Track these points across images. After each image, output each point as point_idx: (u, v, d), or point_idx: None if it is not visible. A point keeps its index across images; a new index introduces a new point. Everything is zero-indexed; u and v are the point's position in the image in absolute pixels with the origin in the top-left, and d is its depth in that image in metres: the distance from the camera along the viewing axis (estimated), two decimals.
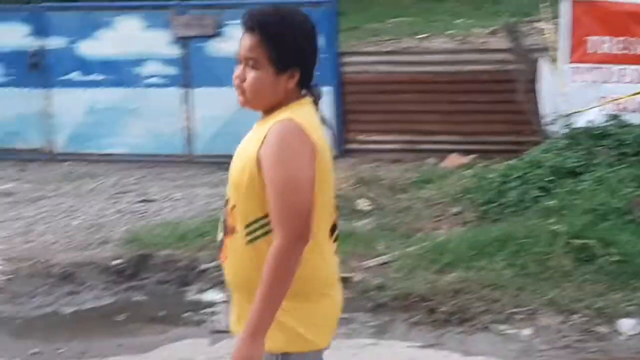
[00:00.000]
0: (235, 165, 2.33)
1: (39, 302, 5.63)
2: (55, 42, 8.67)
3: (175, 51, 8.32)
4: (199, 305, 5.46)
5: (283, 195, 2.20)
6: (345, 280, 4.57)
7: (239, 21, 5.10)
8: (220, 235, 2.43)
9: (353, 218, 6.31)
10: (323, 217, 2.35)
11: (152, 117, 8.51)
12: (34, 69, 8.71)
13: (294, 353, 2.36)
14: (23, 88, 8.77)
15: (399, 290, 5.00)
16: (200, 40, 8.22)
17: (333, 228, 2.41)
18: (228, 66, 6.25)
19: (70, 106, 8.75)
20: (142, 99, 8.51)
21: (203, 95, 8.28)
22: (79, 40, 8.54)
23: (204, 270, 5.81)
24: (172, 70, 8.39)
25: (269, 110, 2.30)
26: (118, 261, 6.06)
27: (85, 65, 8.58)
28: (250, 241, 2.26)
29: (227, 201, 2.34)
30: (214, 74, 8.10)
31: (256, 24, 2.23)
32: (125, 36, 8.49)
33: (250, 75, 2.19)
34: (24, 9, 9.21)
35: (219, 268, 5.70)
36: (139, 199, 7.59)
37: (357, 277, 5.22)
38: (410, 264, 5.32)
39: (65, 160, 8.91)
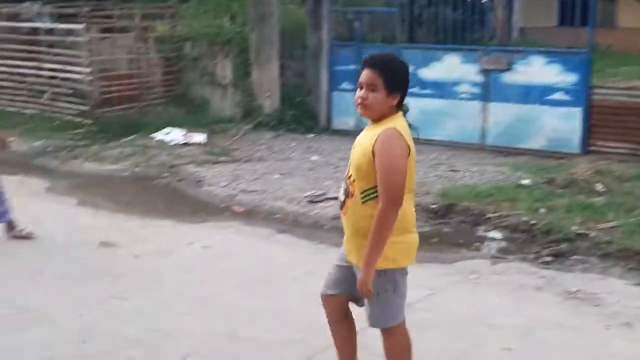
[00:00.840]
0: (356, 154, 3.37)
1: None
2: None
3: (480, 78, 10.26)
4: (484, 239, 6.89)
5: (388, 176, 3.22)
6: (584, 236, 6.55)
7: (524, 61, 8.63)
8: (342, 198, 3.49)
9: (592, 196, 7.70)
10: (410, 188, 3.36)
11: (461, 118, 10.49)
12: None
13: (389, 269, 3.40)
14: None
15: (621, 246, 6.25)
16: (497, 72, 10.08)
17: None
18: (516, 90, 9.25)
19: (411, 107, 11.79)
20: (456, 107, 10.56)
21: (496, 108, 10.20)
22: (421, 67, 10.65)
23: (489, 218, 7.18)
24: (476, 90, 10.31)
25: (377, 119, 3.36)
26: (434, 206, 7.54)
27: (423, 83, 10.62)
28: (365, 202, 3.32)
29: (349, 176, 3.39)
30: (504, 94, 10.12)
31: (377, 63, 3.37)
32: (449, 67, 10.55)
33: (371, 95, 3.29)
34: (387, 48, 10.99)
35: (500, 217, 7.10)
36: (449, 169, 9.11)
37: (592, 234, 6.57)
38: (631, 229, 6.59)
39: None
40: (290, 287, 5.60)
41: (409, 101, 3.38)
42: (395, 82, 3.40)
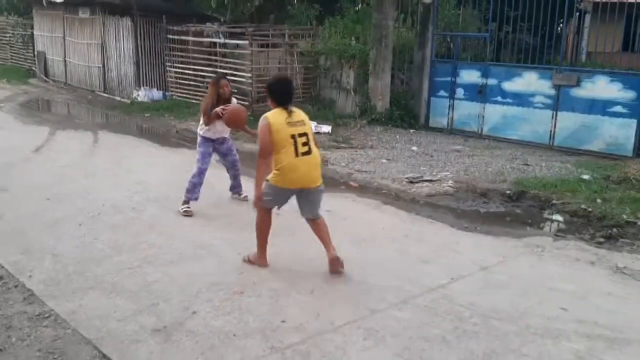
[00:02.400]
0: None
1: (469, 204, 7.12)
2: (491, 81, 10.54)
3: (552, 92, 9.86)
4: (547, 220, 6.78)
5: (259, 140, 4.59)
6: (633, 223, 6.23)
7: (590, 79, 8.23)
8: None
9: None
10: (282, 145, 4.49)
11: (535, 123, 10.12)
12: (480, 93, 10.70)
13: (270, 182, 4.64)
14: (472, 102, 10.85)
15: None
16: (567, 87, 9.67)
17: (297, 148, 4.49)
18: (582, 102, 8.87)
19: (493, 113, 10.61)
20: (531, 114, 10.16)
21: (564, 116, 9.77)
22: (504, 81, 10.42)
23: (553, 204, 7.01)
24: (549, 101, 9.92)
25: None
26: (509, 191, 7.43)
27: (505, 94, 10.41)
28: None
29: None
30: (572, 105, 9.67)
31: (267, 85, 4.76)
32: (527, 81, 10.14)
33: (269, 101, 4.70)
34: (477, 65, 10.95)
35: (563, 203, 6.90)
36: (522, 163, 8.84)
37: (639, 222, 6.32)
38: None
39: (487, 138, 10.63)
40: (391, 245, 5.62)
41: (495, 108, 3.38)
42: (269, 92, 4.80)
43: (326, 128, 10.92)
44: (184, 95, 13.67)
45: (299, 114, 4.81)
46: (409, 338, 3.87)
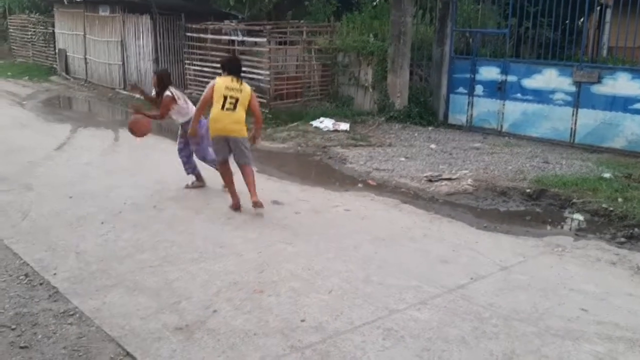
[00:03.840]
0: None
1: (489, 202, 7.04)
2: (511, 78, 10.49)
3: (572, 88, 9.76)
4: (568, 219, 6.73)
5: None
6: None
7: (612, 76, 8.13)
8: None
9: None
10: (216, 100, 6.06)
11: (555, 120, 10.04)
12: (499, 90, 10.64)
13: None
14: (491, 99, 10.78)
15: None
16: (588, 83, 9.58)
17: (224, 104, 6.00)
18: (603, 99, 8.76)
19: (512, 109, 10.52)
20: (551, 111, 10.04)
21: (585, 113, 9.68)
22: (524, 77, 10.33)
23: (574, 203, 6.95)
24: (569, 98, 9.82)
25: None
26: (529, 190, 7.34)
27: (524, 91, 10.33)
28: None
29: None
30: (593, 102, 9.58)
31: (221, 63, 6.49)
32: (548, 78, 10.02)
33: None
34: (497, 61, 10.76)
35: (583, 202, 6.83)
36: (542, 161, 8.75)
37: None
38: None
39: (507, 136, 10.52)
40: (410, 244, 5.62)
41: (515, 105, 3.35)
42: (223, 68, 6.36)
43: (344, 125, 10.93)
44: (202, 92, 13.73)
45: (243, 87, 6.30)
46: (428, 339, 3.88)
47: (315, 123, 11.09)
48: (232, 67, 6.35)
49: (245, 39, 13.26)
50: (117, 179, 7.61)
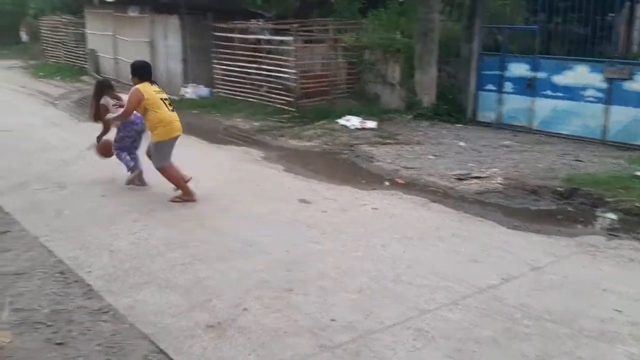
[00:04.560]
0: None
1: (519, 201, 7.02)
2: (541, 74, 10.37)
3: (604, 85, 9.63)
4: (600, 218, 6.56)
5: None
6: None
7: None
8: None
9: None
10: (158, 106, 6.30)
11: (586, 117, 9.89)
12: (529, 87, 10.54)
13: (160, 140, 6.33)
14: (521, 96, 10.67)
15: None
16: (619, 80, 9.46)
17: (168, 106, 6.34)
18: (635, 96, 8.58)
19: (543, 106, 10.37)
20: (582, 108, 9.89)
21: (616, 110, 9.50)
22: (554, 74, 10.20)
23: (606, 201, 6.83)
24: (600, 95, 9.69)
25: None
26: (560, 188, 7.26)
27: (555, 87, 10.20)
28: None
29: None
30: (625, 98, 9.42)
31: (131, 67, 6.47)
32: (578, 75, 9.91)
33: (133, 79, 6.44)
34: (526, 58, 10.63)
35: (616, 201, 6.70)
36: (574, 159, 8.65)
37: None
38: None
39: (537, 133, 10.42)
40: (439, 244, 5.57)
41: (545, 102, 3.33)
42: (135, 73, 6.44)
43: (371, 123, 10.89)
44: (230, 92, 13.84)
45: (158, 87, 6.62)
46: (460, 339, 3.85)
47: (341, 121, 11.07)
48: (147, 73, 6.56)
49: (272, 37, 13.30)
50: (147, 177, 7.66)
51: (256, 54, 13.27)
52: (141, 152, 7.26)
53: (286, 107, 12.14)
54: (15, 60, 22.83)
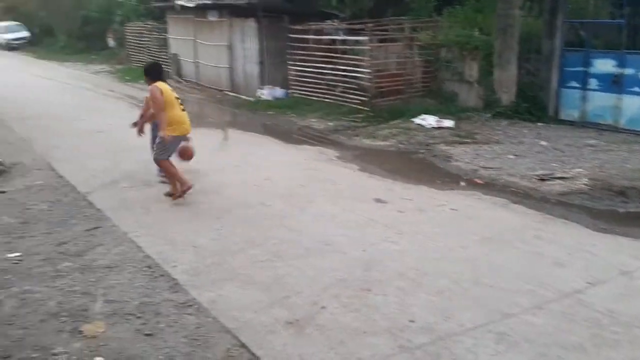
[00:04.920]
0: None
1: (606, 203, 6.68)
2: (628, 71, 9.91)
3: None
4: None
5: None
6: None
7: None
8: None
9: None
10: (172, 103, 6.52)
11: None
12: (615, 84, 10.11)
13: (170, 135, 6.40)
14: (607, 93, 10.20)
15: None
16: None
17: (180, 106, 6.57)
18: None
19: (630, 104, 9.82)
20: None
21: None
22: None
23: None
24: None
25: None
26: None
27: None
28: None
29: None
30: None
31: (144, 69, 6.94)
32: None
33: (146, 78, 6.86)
34: (612, 53, 10.16)
35: None
36: None
37: None
38: None
39: (624, 132, 9.82)
40: (522, 246, 5.41)
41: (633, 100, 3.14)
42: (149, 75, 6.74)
43: (448, 122, 10.70)
44: (305, 93, 13.98)
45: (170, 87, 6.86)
46: (544, 344, 3.72)
47: (417, 120, 10.94)
48: (158, 73, 6.80)
49: (347, 37, 13.34)
50: (227, 176, 7.92)
51: (331, 54, 13.33)
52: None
53: (361, 107, 12.13)
54: (102, 65, 23.98)
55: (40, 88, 17.53)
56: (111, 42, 27.44)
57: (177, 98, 6.75)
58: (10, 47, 35.68)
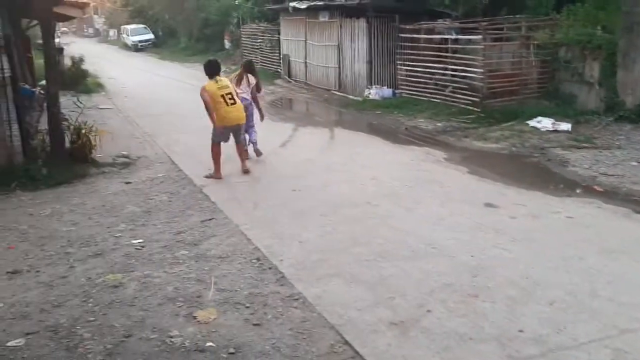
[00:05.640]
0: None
1: None
2: None
3: None
4: None
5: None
6: None
7: None
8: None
9: None
10: (217, 100, 7.59)
11: None
12: None
13: (217, 125, 7.68)
14: None
15: None
16: None
17: (226, 101, 7.61)
18: None
19: None
20: None
21: None
22: None
23: None
24: None
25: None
26: None
27: None
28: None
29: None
30: None
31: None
32: None
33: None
34: None
35: None
36: None
37: None
38: None
39: None
40: None
41: None
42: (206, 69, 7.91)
43: (565, 126, 10.12)
44: (413, 92, 13.81)
45: (224, 81, 7.89)
46: None
47: (532, 122, 10.44)
48: (213, 70, 7.84)
49: (459, 37, 13.00)
50: (333, 174, 8.01)
51: (441, 53, 13.07)
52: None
53: (471, 108, 11.78)
54: None
55: (163, 87, 18.71)
56: (227, 44, 28.69)
57: (227, 94, 7.71)
58: (137, 48, 38.51)
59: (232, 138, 8.07)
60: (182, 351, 3.80)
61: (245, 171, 8.02)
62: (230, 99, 7.71)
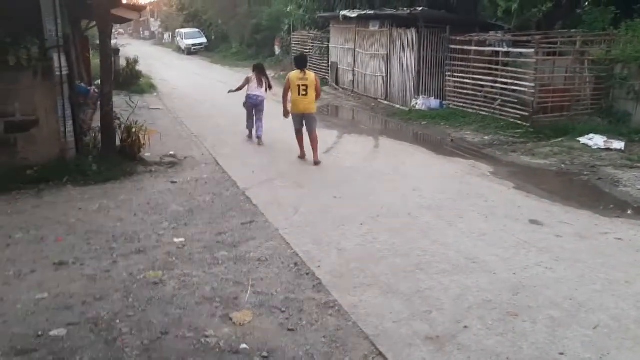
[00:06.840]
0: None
1: None
2: None
3: None
4: None
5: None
6: None
7: None
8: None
9: None
10: (293, 87, 8.88)
11: None
12: None
13: (291, 111, 9.09)
14: None
15: None
16: None
17: (299, 91, 8.83)
18: None
19: None
20: None
21: None
22: None
23: None
24: None
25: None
26: None
27: None
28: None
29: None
30: None
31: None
32: None
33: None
34: None
35: None
36: None
37: None
38: None
39: None
40: None
41: None
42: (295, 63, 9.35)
43: (618, 144, 9.77)
44: (461, 104, 13.62)
45: (308, 75, 8.91)
46: None
47: (583, 140, 10.14)
48: (299, 63, 8.99)
49: (511, 49, 12.75)
50: (376, 183, 7.96)
51: (492, 66, 12.84)
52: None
53: (520, 122, 11.52)
54: (269, 71, 25.10)
55: (213, 89, 19.00)
56: (277, 50, 29.01)
57: (303, 85, 8.80)
58: (190, 51, 39.38)
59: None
60: (216, 351, 3.82)
61: (316, 163, 8.90)
62: (303, 90, 8.80)
